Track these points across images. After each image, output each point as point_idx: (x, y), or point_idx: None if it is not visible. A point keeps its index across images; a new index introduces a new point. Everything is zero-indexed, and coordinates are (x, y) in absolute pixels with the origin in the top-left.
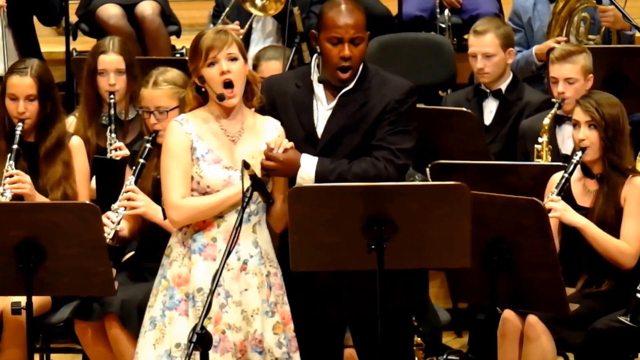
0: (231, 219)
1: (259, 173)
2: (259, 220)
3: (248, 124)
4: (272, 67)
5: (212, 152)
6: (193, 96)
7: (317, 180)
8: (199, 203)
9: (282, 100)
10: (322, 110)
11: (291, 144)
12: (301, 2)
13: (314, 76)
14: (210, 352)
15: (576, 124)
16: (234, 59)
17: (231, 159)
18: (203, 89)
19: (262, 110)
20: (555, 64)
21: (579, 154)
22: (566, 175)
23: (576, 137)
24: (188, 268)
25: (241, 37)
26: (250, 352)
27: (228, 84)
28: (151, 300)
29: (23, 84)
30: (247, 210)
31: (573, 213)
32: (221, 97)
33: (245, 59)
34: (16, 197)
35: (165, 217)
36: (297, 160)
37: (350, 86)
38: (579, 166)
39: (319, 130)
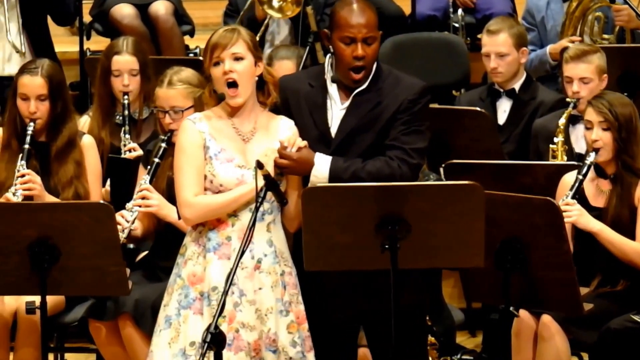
0: (245, 217)
1: (272, 171)
2: (273, 219)
3: (261, 123)
4: (285, 66)
5: (224, 151)
6: (210, 94)
7: (330, 179)
8: (212, 201)
9: (295, 100)
10: (336, 110)
11: (305, 142)
12: (315, 4)
13: (328, 76)
14: (224, 351)
15: (588, 125)
16: (240, 59)
17: (244, 158)
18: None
19: (275, 110)
20: (569, 63)
21: (593, 155)
22: (580, 177)
23: (589, 138)
24: (203, 267)
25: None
26: (264, 351)
27: (231, 84)
28: (166, 299)
29: (34, 83)
30: (260, 209)
31: (588, 217)
32: (221, 97)
33: (257, 58)
34: (27, 197)
35: (179, 217)
36: (311, 159)
37: (364, 86)
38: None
39: (333, 130)
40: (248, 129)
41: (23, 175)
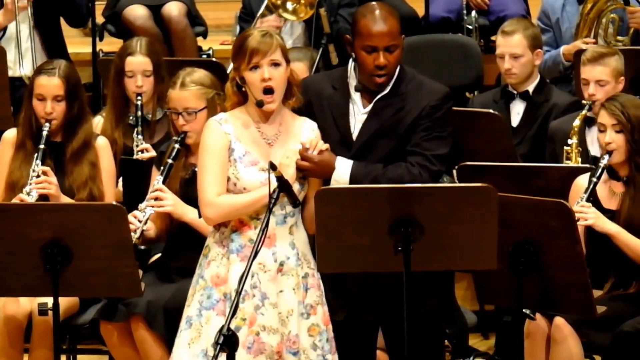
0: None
1: (292, 173)
2: (295, 221)
3: (285, 126)
4: (296, 68)
5: (249, 154)
6: (233, 91)
7: (351, 184)
8: (234, 201)
9: (317, 101)
10: (358, 114)
11: (326, 145)
12: (329, 5)
13: (351, 80)
14: (244, 354)
15: (601, 128)
16: (277, 64)
17: (267, 161)
18: (243, 89)
19: (297, 111)
20: (586, 65)
21: (606, 157)
22: (594, 179)
23: (602, 140)
24: (226, 268)
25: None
26: (285, 354)
27: (268, 90)
28: (188, 300)
29: (51, 84)
30: (282, 212)
31: (604, 220)
32: (260, 104)
33: (288, 62)
34: (42, 197)
35: (200, 215)
36: (332, 163)
37: (387, 91)
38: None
39: (354, 134)
40: (272, 132)
41: (39, 175)
